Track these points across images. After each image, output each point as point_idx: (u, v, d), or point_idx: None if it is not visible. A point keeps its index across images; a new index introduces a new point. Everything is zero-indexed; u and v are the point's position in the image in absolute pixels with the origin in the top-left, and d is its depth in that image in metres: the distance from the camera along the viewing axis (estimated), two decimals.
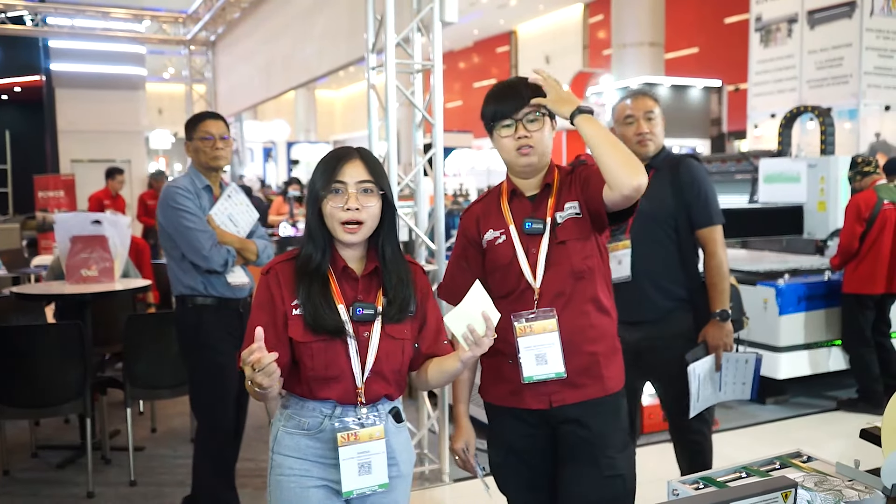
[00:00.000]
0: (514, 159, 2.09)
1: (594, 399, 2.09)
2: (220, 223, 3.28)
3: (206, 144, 3.25)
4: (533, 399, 2.08)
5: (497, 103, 2.09)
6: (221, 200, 3.33)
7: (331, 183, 1.81)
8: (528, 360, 2.02)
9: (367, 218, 1.82)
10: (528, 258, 2.08)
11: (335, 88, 32.62)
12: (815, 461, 1.75)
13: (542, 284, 2.06)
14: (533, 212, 2.12)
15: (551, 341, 2.01)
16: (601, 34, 23.69)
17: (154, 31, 12.59)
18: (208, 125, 3.28)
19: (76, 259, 4.38)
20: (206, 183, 3.29)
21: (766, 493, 1.14)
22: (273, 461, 1.89)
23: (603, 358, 2.10)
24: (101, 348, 4.66)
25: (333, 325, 1.79)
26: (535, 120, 2.05)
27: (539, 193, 2.13)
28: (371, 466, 1.80)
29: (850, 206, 5.25)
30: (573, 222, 2.08)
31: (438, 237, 4.07)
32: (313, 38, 6.70)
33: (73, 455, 4.39)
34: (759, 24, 12.99)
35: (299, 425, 1.84)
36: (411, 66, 4.24)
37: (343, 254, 1.87)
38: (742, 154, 10.29)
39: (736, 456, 2.07)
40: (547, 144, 2.09)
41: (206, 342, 3.25)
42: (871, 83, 11.42)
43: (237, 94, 10.93)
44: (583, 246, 2.08)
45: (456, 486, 4.03)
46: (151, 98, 19.76)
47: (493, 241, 2.14)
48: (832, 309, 5.41)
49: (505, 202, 2.16)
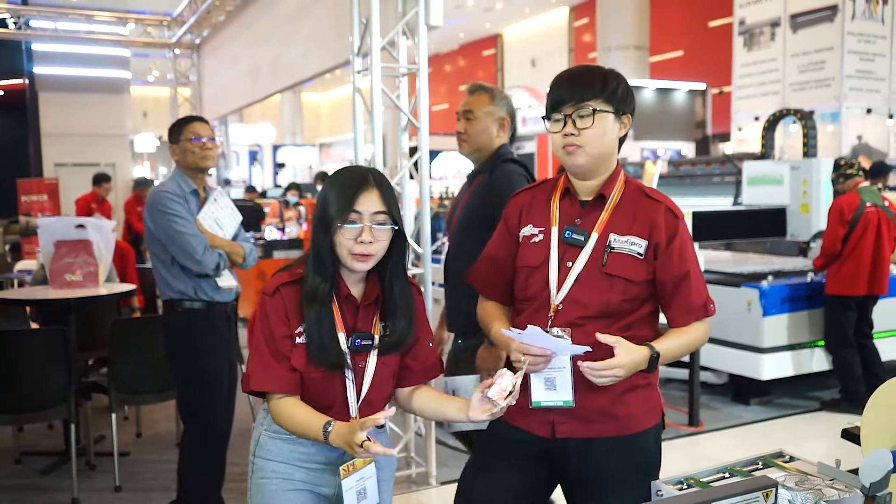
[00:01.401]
0: (562, 157, 1.88)
1: (606, 437, 1.87)
2: (207, 227, 3.27)
3: (195, 145, 3.25)
4: (538, 424, 1.89)
5: (552, 94, 1.88)
6: (208, 204, 3.33)
7: (347, 213, 1.75)
8: (537, 383, 1.83)
9: (378, 250, 1.78)
10: (559, 269, 1.87)
11: (321, 91, 32.56)
12: (797, 461, 1.77)
13: (563, 302, 1.85)
14: (578, 219, 1.90)
15: (562, 366, 1.80)
16: (587, 37, 23.79)
17: (138, 34, 12.53)
18: (196, 127, 3.29)
19: (60, 264, 4.35)
20: (192, 187, 3.29)
21: (747, 493, 1.15)
22: (255, 465, 1.88)
23: (626, 394, 1.86)
24: (85, 353, 4.63)
25: (335, 360, 1.78)
26: (586, 116, 1.83)
27: (592, 201, 1.90)
28: (367, 491, 1.81)
29: (832, 209, 5.30)
30: (631, 261, 1.84)
31: (424, 240, 4.08)
32: (299, 41, 6.70)
33: (57, 461, 4.36)
34: (743, 27, 13.10)
35: (282, 429, 1.83)
36: (397, 70, 4.25)
37: (346, 279, 1.84)
38: (726, 156, 10.37)
39: (720, 456, 2.09)
40: (604, 146, 1.86)
41: (197, 346, 3.23)
42: (852, 86, 11.55)
43: (222, 98, 10.90)
44: (632, 289, 1.85)
45: (442, 488, 4.03)
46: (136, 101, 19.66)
47: (529, 238, 1.94)
48: (815, 310, 5.46)
49: (556, 200, 1.94)
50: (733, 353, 5.43)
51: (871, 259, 5.16)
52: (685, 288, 1.87)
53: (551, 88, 1.89)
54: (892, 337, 5.72)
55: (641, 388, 1.89)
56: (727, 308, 5.42)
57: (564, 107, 1.83)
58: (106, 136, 12.74)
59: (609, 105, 1.85)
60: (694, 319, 1.89)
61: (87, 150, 12.50)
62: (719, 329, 5.43)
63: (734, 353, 5.42)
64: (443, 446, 4.47)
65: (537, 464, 1.94)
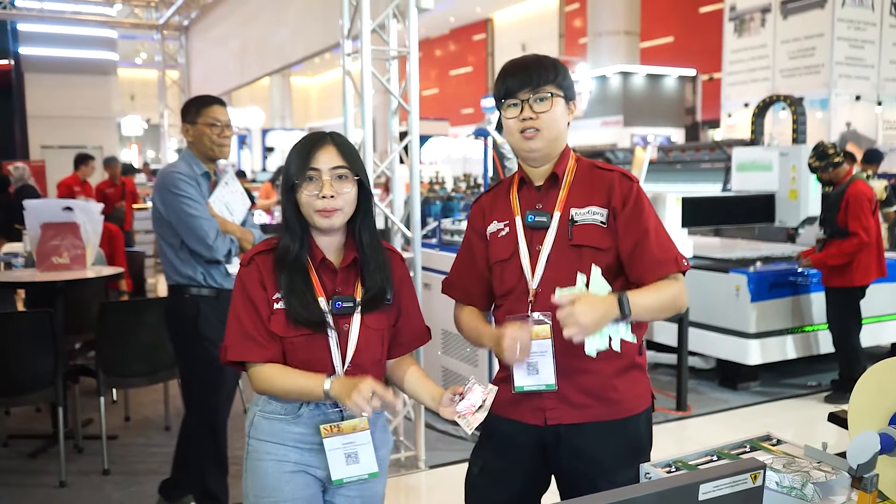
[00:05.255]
0: (518, 143, 1.90)
1: (597, 422, 1.87)
2: (218, 211, 3.15)
3: (214, 131, 3.12)
4: (530, 413, 1.89)
5: (505, 81, 1.89)
6: (219, 188, 3.21)
7: (304, 170, 1.78)
8: (519, 368, 1.83)
9: (342, 205, 1.80)
10: (529, 254, 1.89)
11: (310, 75, 32.40)
12: (784, 444, 1.78)
13: (540, 285, 1.86)
14: (538, 203, 1.92)
15: (543, 350, 1.81)
16: (577, 22, 23.71)
17: (126, 15, 12.40)
18: (216, 111, 3.14)
19: (47, 246, 4.33)
20: (204, 169, 3.16)
21: (736, 475, 1.15)
22: (249, 446, 1.87)
23: (614, 378, 1.87)
24: (72, 336, 4.61)
25: (315, 318, 1.78)
26: (544, 100, 1.86)
27: (546, 183, 1.93)
28: (358, 456, 1.81)
29: (859, 198, 5.01)
30: (596, 230, 1.86)
31: (414, 225, 4.07)
32: (288, 23, 6.64)
33: (45, 444, 4.35)
34: (734, 13, 13.09)
35: (277, 410, 1.84)
36: (387, 53, 4.22)
37: (320, 243, 1.85)
38: (715, 143, 10.40)
39: (707, 440, 2.10)
40: (559, 130, 1.89)
41: (204, 333, 3.12)
42: (842, 73, 11.58)
43: (211, 80, 10.82)
44: (601, 257, 1.85)
45: (432, 472, 4.05)
46: (123, 84, 19.49)
47: (496, 233, 1.96)
48: (803, 296, 5.49)
49: (514, 192, 1.97)
50: (721, 338, 5.46)
51: (877, 246, 5.11)
52: (647, 245, 1.85)
53: (504, 77, 1.90)
54: (877, 323, 5.77)
55: (630, 371, 1.90)
56: (715, 293, 5.45)
57: (521, 92, 1.86)
58: (93, 119, 12.63)
59: (561, 91, 1.88)
60: (664, 272, 1.86)
61: (74, 133, 12.39)
62: (707, 314, 5.46)
63: (722, 339, 5.46)
64: (432, 430, 4.49)
65: (533, 455, 1.94)
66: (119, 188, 9.37)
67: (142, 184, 13.31)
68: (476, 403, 1.73)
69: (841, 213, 5.05)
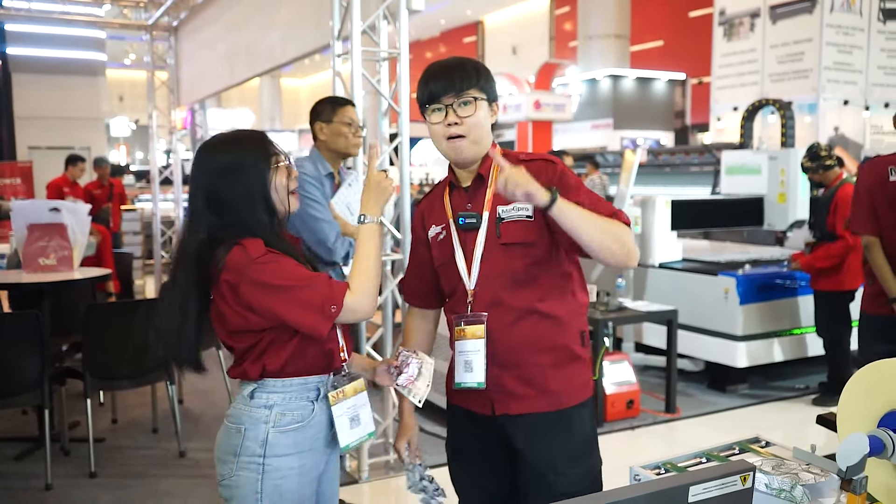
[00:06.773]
0: (445, 149, 1.91)
1: (540, 413, 1.91)
2: (339, 212, 3.19)
3: (350, 130, 3.21)
4: (478, 404, 1.96)
5: (428, 85, 1.89)
6: (343, 189, 3.25)
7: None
8: (459, 365, 1.92)
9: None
10: (465, 256, 1.93)
11: (300, 77, 32.34)
12: (773, 446, 1.78)
13: (476, 286, 1.91)
14: (468, 204, 1.95)
15: (477, 349, 1.88)
16: (567, 26, 23.77)
17: (114, 16, 12.30)
18: (351, 111, 3.24)
19: (34, 247, 4.29)
20: (329, 170, 3.23)
21: (725, 477, 1.15)
22: (266, 466, 1.76)
23: (551, 370, 1.91)
24: (59, 338, 4.57)
25: None
26: (468, 104, 1.86)
27: (473, 184, 1.95)
28: (360, 418, 1.86)
29: (849, 202, 4.69)
30: (522, 226, 1.88)
31: (404, 227, 4.06)
32: (278, 24, 6.62)
33: (31, 447, 4.31)
34: (723, 18, 13.15)
35: (292, 420, 1.79)
36: (377, 54, 4.21)
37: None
38: (705, 146, 10.45)
39: (697, 442, 2.10)
40: (483, 130, 1.90)
41: None
42: (830, 78, 11.65)
43: (200, 81, 10.75)
44: (532, 252, 1.88)
45: None
46: (112, 84, 19.40)
47: (435, 238, 2.01)
48: (791, 299, 5.51)
49: (446, 195, 2.01)
50: (710, 340, 5.47)
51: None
52: None
53: (426, 81, 1.91)
54: None
55: (568, 363, 1.94)
56: (704, 296, 5.46)
57: (445, 97, 1.87)
58: (81, 120, 12.55)
59: (484, 94, 1.89)
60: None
61: (62, 133, 12.30)
62: (696, 317, 5.47)
63: (711, 341, 5.47)
64: (421, 432, 4.47)
65: (493, 438, 1.98)
66: (107, 189, 9.34)
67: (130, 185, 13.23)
68: (413, 374, 1.87)
69: (830, 216, 5.06)
